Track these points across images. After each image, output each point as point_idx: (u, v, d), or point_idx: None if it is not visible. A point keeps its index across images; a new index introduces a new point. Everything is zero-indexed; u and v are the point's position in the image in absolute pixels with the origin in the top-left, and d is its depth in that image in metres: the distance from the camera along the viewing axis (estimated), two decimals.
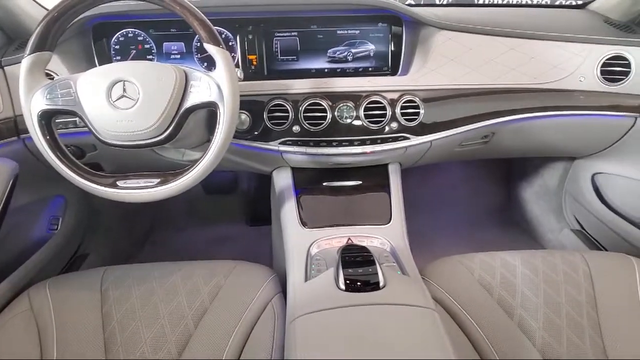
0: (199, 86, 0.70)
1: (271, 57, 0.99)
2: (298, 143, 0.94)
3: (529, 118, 0.99)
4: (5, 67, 0.88)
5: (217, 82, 0.69)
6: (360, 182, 1.01)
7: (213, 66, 0.71)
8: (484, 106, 0.97)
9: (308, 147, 0.95)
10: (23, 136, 0.89)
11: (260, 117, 0.91)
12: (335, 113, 0.92)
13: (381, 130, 0.93)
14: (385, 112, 0.92)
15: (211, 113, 0.79)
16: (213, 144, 0.71)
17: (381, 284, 0.70)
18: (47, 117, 0.71)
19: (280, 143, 0.94)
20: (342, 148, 0.95)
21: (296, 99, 0.92)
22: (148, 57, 0.98)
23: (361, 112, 0.92)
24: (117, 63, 0.74)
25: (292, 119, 0.91)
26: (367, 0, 0.93)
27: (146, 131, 0.68)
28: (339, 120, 0.92)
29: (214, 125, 0.70)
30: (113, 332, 0.75)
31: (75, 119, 0.88)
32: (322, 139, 0.94)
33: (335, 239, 0.89)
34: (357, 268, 0.73)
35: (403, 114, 0.92)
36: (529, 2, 1.24)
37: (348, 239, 0.89)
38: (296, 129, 0.92)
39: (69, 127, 0.89)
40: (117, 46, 0.97)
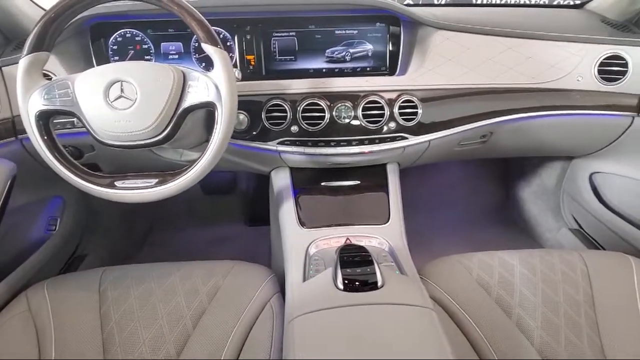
0: (197, 86, 0.70)
1: (269, 57, 0.99)
2: (296, 143, 0.94)
3: (527, 118, 1.00)
4: (2, 68, 0.88)
5: (215, 82, 0.69)
6: (358, 182, 1.02)
7: (211, 66, 0.71)
8: (482, 106, 0.97)
9: (306, 147, 0.95)
10: (21, 137, 0.89)
11: (258, 117, 0.91)
12: (333, 113, 0.92)
13: (379, 130, 0.94)
14: (383, 112, 0.92)
15: (209, 113, 0.79)
16: (211, 144, 0.71)
17: (379, 284, 0.70)
18: (45, 118, 0.71)
19: (278, 143, 0.94)
20: (341, 148, 0.95)
21: (294, 99, 0.92)
22: (146, 58, 0.98)
23: (359, 112, 0.92)
24: (115, 63, 0.73)
25: (290, 119, 0.92)
26: (365, 0, 0.93)
27: (144, 131, 0.68)
28: (337, 120, 0.92)
29: (212, 125, 0.70)
30: (111, 333, 0.75)
31: (73, 120, 0.87)
32: (321, 139, 0.94)
33: (333, 239, 0.89)
34: (356, 268, 0.73)
35: (401, 114, 0.93)
36: (527, 2, 1.24)
37: (346, 239, 0.89)
38: (294, 129, 0.93)
39: (67, 128, 0.89)
40: (115, 46, 0.97)
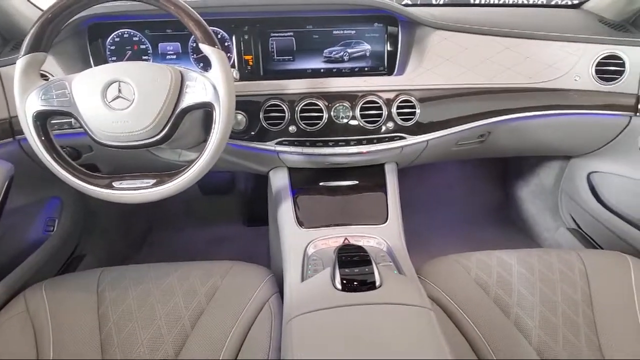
0: (195, 87, 0.70)
1: (267, 58, 0.99)
2: (294, 143, 0.94)
3: (525, 117, 1.00)
4: (0, 68, 0.88)
5: (213, 83, 0.69)
6: (356, 182, 1.02)
7: (209, 66, 0.71)
8: (480, 106, 0.97)
9: (304, 147, 0.95)
10: (18, 137, 0.89)
11: (256, 118, 0.91)
12: (331, 113, 0.92)
13: (377, 130, 0.94)
14: (381, 112, 0.92)
15: (207, 113, 0.79)
16: (209, 145, 0.71)
17: (377, 284, 0.70)
18: (43, 118, 0.71)
19: (276, 143, 0.94)
20: (339, 148, 0.95)
21: (292, 99, 0.92)
22: (144, 58, 0.98)
23: (357, 112, 0.92)
24: (113, 64, 0.73)
25: (289, 119, 0.91)
26: (363, 0, 0.93)
27: (142, 132, 0.68)
28: (335, 120, 0.92)
29: (210, 125, 0.70)
30: (110, 334, 0.75)
31: (70, 120, 0.87)
32: (319, 139, 0.94)
33: (331, 239, 0.89)
34: (354, 268, 0.73)
35: (399, 114, 0.93)
36: (524, 2, 1.24)
37: (345, 239, 0.89)
38: (292, 129, 0.93)
39: (65, 128, 0.89)
40: (113, 47, 0.97)
